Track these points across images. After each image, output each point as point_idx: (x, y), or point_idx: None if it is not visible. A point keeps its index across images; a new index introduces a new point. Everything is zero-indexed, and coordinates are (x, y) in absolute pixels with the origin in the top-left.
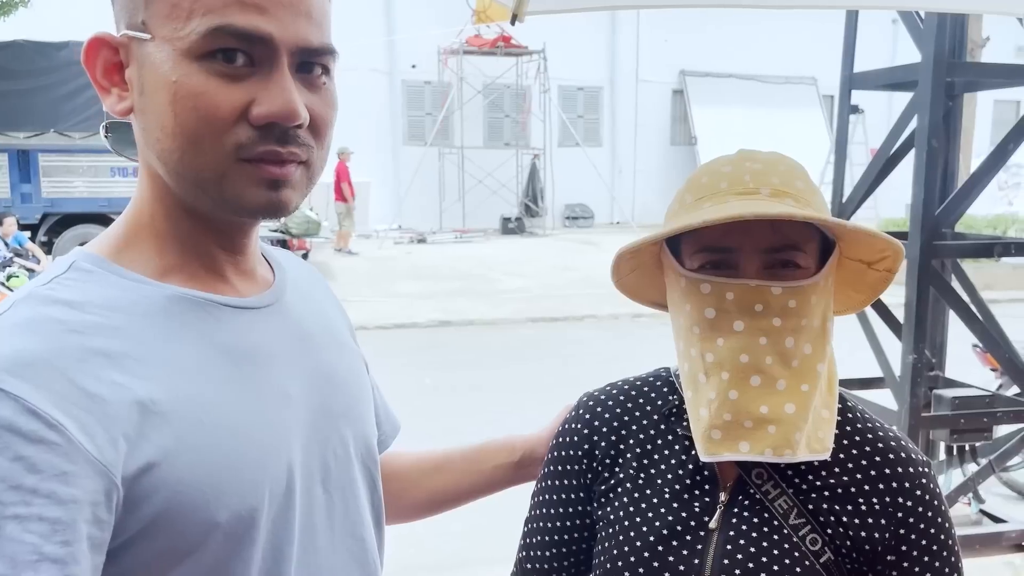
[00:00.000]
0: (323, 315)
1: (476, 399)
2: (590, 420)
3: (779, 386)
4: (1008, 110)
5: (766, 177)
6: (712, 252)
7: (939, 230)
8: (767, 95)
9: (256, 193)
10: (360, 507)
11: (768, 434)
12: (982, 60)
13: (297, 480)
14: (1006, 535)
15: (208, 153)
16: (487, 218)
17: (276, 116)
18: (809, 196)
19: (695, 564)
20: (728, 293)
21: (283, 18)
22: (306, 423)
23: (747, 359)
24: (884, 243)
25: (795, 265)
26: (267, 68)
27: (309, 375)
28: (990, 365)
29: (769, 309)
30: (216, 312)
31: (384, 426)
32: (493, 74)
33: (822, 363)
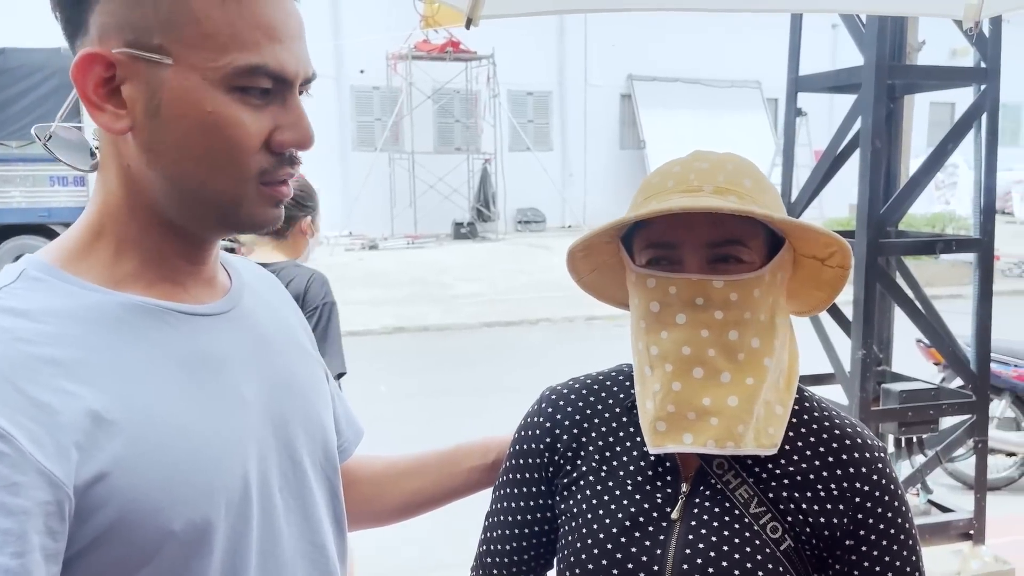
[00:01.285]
0: (281, 321)
1: (432, 405)
2: (552, 414)
3: (723, 378)
4: (943, 112)
5: (711, 176)
6: (657, 248)
7: (884, 228)
8: (713, 99)
9: (267, 212)
10: (320, 514)
11: (710, 426)
12: (919, 63)
13: (254, 487)
14: (953, 524)
15: (232, 179)
16: (439, 223)
17: (298, 144)
18: (757, 193)
19: (657, 554)
20: (671, 287)
21: (297, 51)
22: (264, 429)
23: (689, 351)
24: (827, 238)
25: (737, 259)
26: (282, 96)
27: (267, 381)
28: (933, 359)
29: (711, 302)
30: (171, 319)
31: (346, 432)
32: (443, 79)
33: (770, 358)
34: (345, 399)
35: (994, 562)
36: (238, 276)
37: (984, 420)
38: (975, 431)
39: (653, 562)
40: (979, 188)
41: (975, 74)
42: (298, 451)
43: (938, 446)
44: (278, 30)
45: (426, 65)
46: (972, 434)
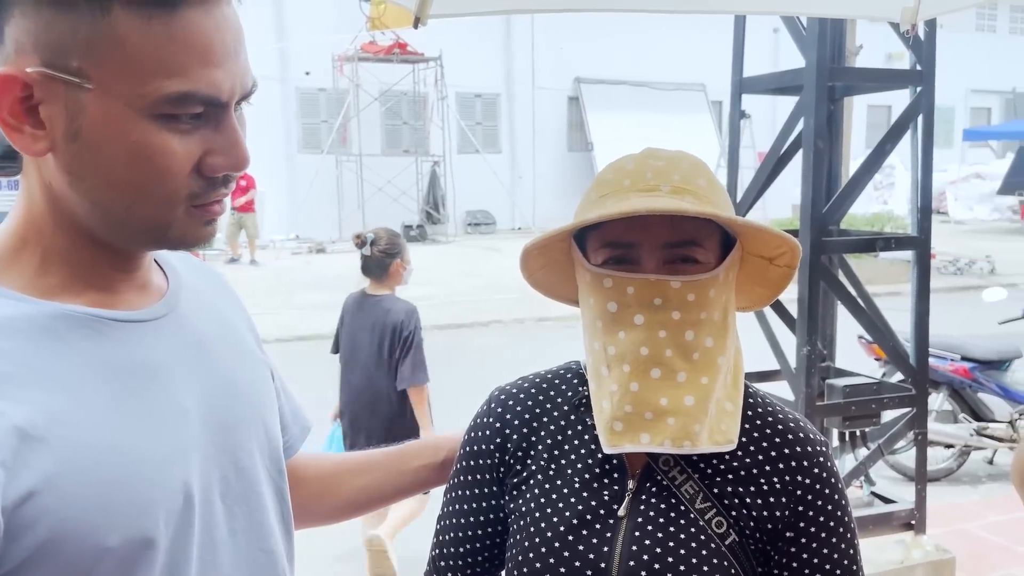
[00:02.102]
0: (223, 321)
1: None
2: (502, 413)
3: (679, 378)
4: (880, 114)
5: (667, 174)
6: (614, 247)
7: (826, 227)
8: (659, 101)
9: (199, 232)
10: (266, 519)
11: (668, 426)
12: (857, 66)
13: (196, 497)
14: (896, 515)
15: (160, 204)
16: (388, 226)
17: (232, 169)
18: (710, 193)
19: (604, 552)
20: (629, 287)
21: (233, 70)
22: (204, 437)
23: (647, 352)
24: (779, 239)
25: (694, 260)
26: (215, 118)
27: (207, 386)
28: (875, 355)
29: (668, 303)
30: (102, 328)
31: (292, 428)
32: (390, 81)
33: (723, 356)
34: (292, 394)
35: (935, 551)
36: (176, 277)
37: (924, 413)
38: (915, 424)
39: (601, 559)
40: (916, 188)
41: (911, 76)
42: (242, 457)
43: (880, 439)
44: (211, 51)
45: (373, 67)
46: (912, 427)
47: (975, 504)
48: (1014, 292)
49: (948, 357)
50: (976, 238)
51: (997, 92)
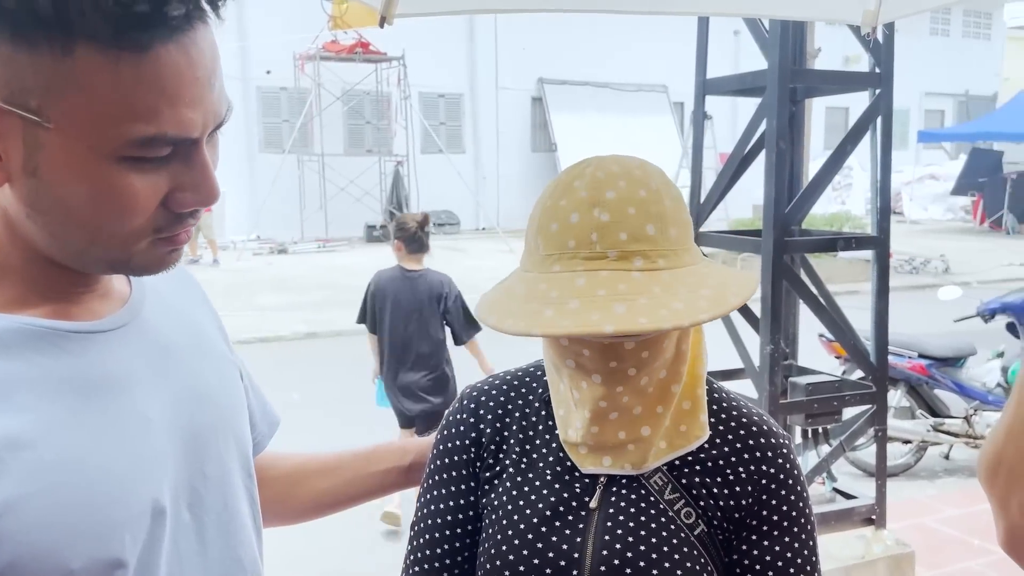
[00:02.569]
0: (189, 324)
1: (348, 412)
2: (475, 410)
3: (635, 412)
4: (838, 116)
5: (614, 233)
6: None
7: (789, 227)
8: (621, 102)
9: (162, 259)
10: (239, 526)
11: (628, 451)
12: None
13: (166, 511)
14: (857, 510)
15: (123, 241)
16: (351, 226)
17: (200, 204)
18: (662, 242)
19: (577, 543)
20: (584, 350)
21: (206, 104)
22: (172, 448)
23: (605, 404)
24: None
25: None
26: (186, 153)
27: (174, 395)
28: (835, 353)
29: (623, 363)
30: (61, 341)
31: (260, 426)
32: (352, 80)
33: (677, 384)
34: (260, 389)
35: (895, 545)
36: (139, 281)
37: (884, 410)
38: (876, 420)
39: (573, 550)
40: (875, 188)
41: (870, 79)
42: (213, 465)
43: (842, 436)
44: (183, 91)
45: (335, 66)
46: (873, 423)
47: (932, 499)
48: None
49: (906, 355)
50: (931, 237)
51: (950, 95)
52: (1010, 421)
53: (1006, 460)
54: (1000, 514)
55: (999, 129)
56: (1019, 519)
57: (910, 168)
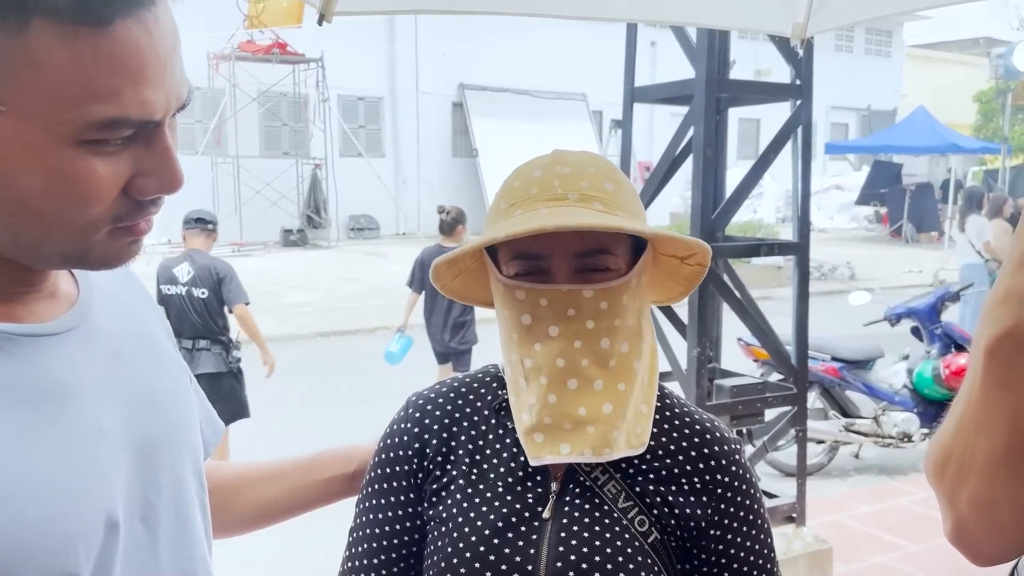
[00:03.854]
0: (140, 327)
1: (267, 419)
2: (420, 419)
3: (596, 386)
4: (750, 127)
5: (575, 181)
6: (525, 259)
7: (714, 233)
8: (541, 109)
9: (123, 251)
10: (192, 539)
11: (588, 435)
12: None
13: (120, 524)
14: (779, 508)
15: (80, 232)
16: (267, 230)
17: (164, 192)
18: (619, 197)
19: (531, 554)
20: (541, 299)
21: (167, 84)
22: (126, 458)
23: (563, 363)
24: (688, 244)
25: (605, 268)
26: (147, 136)
27: (126, 402)
28: (753, 357)
29: (582, 312)
30: (6, 345)
31: (206, 433)
32: (269, 81)
33: (639, 360)
34: (203, 394)
35: (815, 542)
36: (87, 282)
37: (803, 411)
38: (796, 421)
39: (527, 562)
40: (796, 195)
41: (792, 90)
42: (167, 475)
43: (764, 436)
44: (145, 69)
45: (251, 66)
46: (794, 424)
47: (845, 496)
48: (873, 296)
49: (820, 358)
50: (837, 245)
51: (853, 109)
52: (959, 417)
53: (954, 455)
54: (947, 508)
55: (898, 143)
56: (966, 513)
57: (817, 178)
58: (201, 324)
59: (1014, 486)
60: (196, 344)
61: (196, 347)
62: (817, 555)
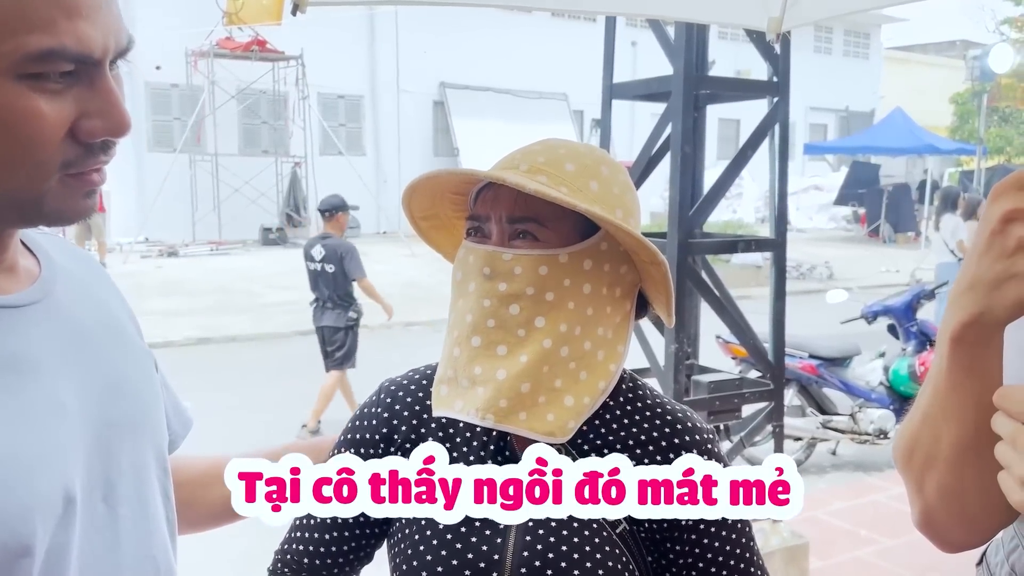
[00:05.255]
0: (104, 311)
1: (244, 420)
2: (391, 404)
3: (499, 351)
4: (730, 127)
5: (534, 156)
6: (472, 220)
7: (692, 230)
8: (522, 109)
9: (77, 203)
10: (153, 524)
11: (477, 395)
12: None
13: (77, 500)
14: None
15: (30, 176)
16: (246, 229)
17: (111, 132)
18: (578, 178)
19: (498, 543)
20: (470, 256)
21: (105, 22)
22: (86, 435)
23: (471, 319)
24: (615, 227)
25: (533, 237)
26: (89, 77)
27: (88, 381)
28: (731, 354)
29: (496, 273)
30: None
31: (174, 424)
32: (248, 79)
33: (551, 340)
34: (171, 386)
35: (791, 537)
36: (48, 260)
37: (780, 407)
38: (773, 417)
39: (493, 551)
40: (773, 192)
41: (769, 87)
42: (129, 457)
43: (742, 432)
44: (80, 2)
45: (230, 63)
46: (771, 420)
47: (822, 492)
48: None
49: (797, 355)
50: (815, 245)
51: (832, 110)
52: (926, 405)
53: (921, 443)
54: (915, 496)
55: (876, 144)
56: (933, 500)
57: (796, 179)
58: (330, 291)
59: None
60: (324, 304)
61: (324, 306)
62: (793, 550)
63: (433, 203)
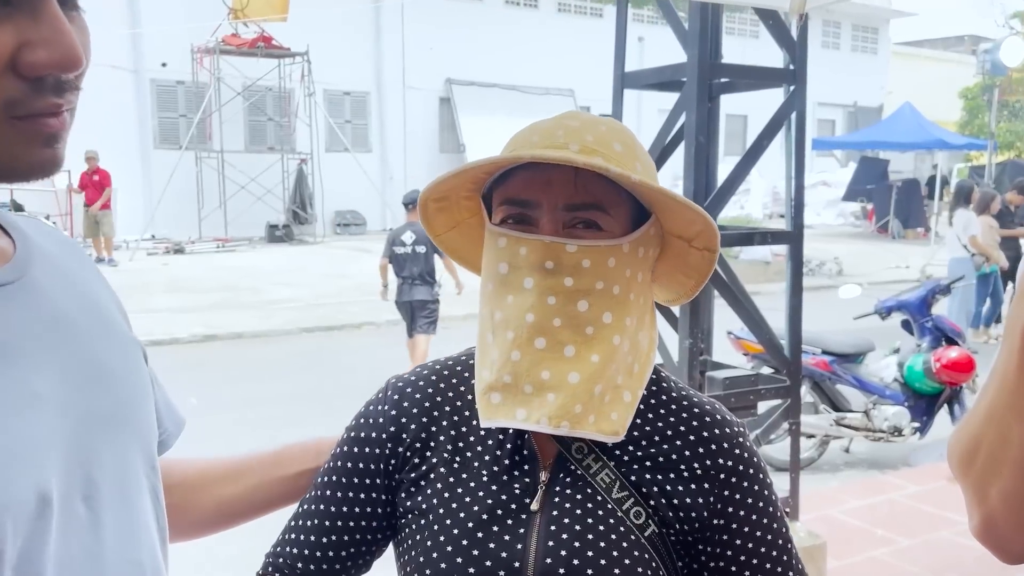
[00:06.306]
0: (86, 297)
1: (250, 416)
2: (399, 402)
3: (567, 352)
4: (737, 123)
5: (580, 134)
6: (513, 205)
7: None
8: (529, 105)
9: (32, 153)
10: (140, 526)
11: (547, 402)
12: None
13: (54, 499)
14: None
15: None
16: (252, 226)
17: (58, 65)
18: (627, 160)
19: (518, 549)
20: (521, 248)
21: None
22: (64, 428)
23: (533, 318)
24: (691, 212)
25: (596, 226)
26: (30, 6)
27: (68, 369)
28: (743, 350)
29: (561, 267)
30: None
31: (166, 422)
32: (253, 75)
33: (621, 335)
34: (162, 382)
35: (808, 537)
36: (24, 240)
37: (797, 404)
38: (789, 414)
39: (514, 557)
40: (790, 183)
41: (785, 75)
42: (113, 453)
43: (758, 430)
44: None
45: (235, 60)
46: (787, 417)
47: (835, 491)
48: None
49: (810, 351)
50: (824, 241)
51: (840, 105)
52: (990, 404)
53: (984, 445)
54: (976, 502)
55: (885, 139)
56: (998, 507)
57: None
58: (419, 269)
59: None
60: (413, 282)
61: (413, 283)
62: (810, 550)
63: (452, 185)
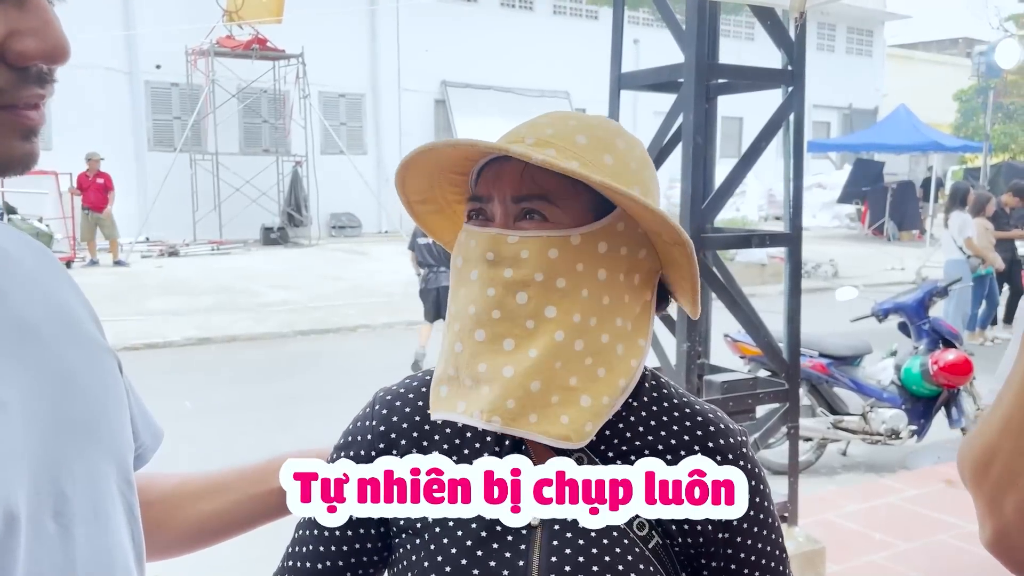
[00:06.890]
0: (55, 303)
1: (244, 419)
2: (387, 416)
3: (505, 345)
4: (733, 125)
5: (542, 128)
6: (473, 201)
7: (704, 224)
8: (524, 107)
9: (12, 146)
10: (113, 544)
11: (481, 395)
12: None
13: (21, 517)
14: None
15: None
16: (247, 228)
17: (46, 55)
18: (590, 152)
19: (520, 566)
20: (471, 241)
21: None
22: (31, 441)
23: (474, 310)
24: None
25: (541, 216)
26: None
27: (34, 378)
28: (740, 353)
29: (501, 259)
30: None
31: (142, 435)
32: (248, 77)
33: (564, 332)
34: (139, 395)
35: (807, 542)
36: None
37: (796, 407)
38: (788, 418)
39: (516, 573)
40: (788, 185)
41: (784, 76)
42: (85, 467)
43: (755, 434)
44: None
45: (230, 62)
46: (785, 421)
47: (833, 494)
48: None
49: (807, 353)
50: (820, 243)
51: (835, 108)
52: (1006, 412)
53: (1000, 454)
54: (989, 513)
55: (880, 141)
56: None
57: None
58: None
59: None
60: (439, 270)
61: (439, 272)
62: (810, 555)
63: (431, 185)
